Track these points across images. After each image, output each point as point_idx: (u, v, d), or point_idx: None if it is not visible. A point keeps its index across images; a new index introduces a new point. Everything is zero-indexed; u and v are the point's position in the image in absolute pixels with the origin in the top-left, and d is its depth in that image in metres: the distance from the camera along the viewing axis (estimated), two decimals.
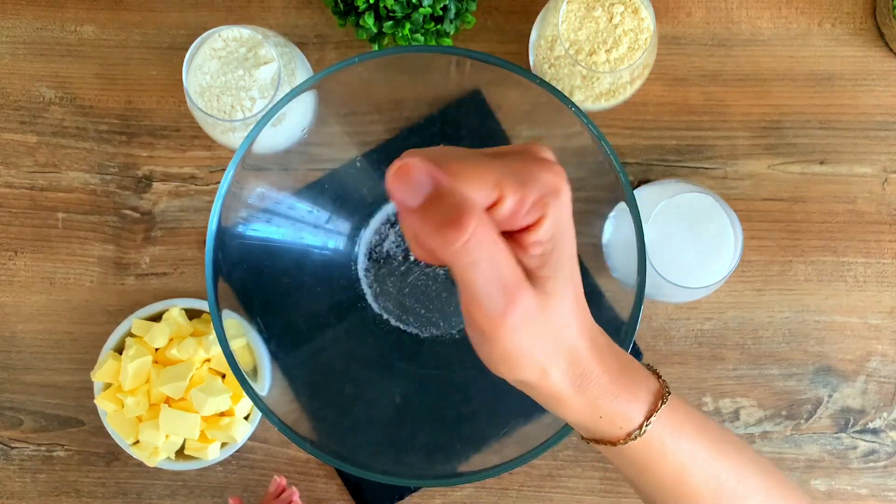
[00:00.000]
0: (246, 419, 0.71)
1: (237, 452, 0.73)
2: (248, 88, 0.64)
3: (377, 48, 0.70)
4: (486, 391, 0.56)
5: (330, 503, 0.74)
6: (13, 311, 0.75)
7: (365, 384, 0.63)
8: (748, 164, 0.73)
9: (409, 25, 0.66)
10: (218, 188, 0.51)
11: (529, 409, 0.41)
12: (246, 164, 0.52)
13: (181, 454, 0.72)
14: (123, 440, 0.71)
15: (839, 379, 0.74)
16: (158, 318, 0.72)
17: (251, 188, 0.56)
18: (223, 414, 0.70)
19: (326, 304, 0.68)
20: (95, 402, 0.71)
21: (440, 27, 0.68)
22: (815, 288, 0.74)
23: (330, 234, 0.68)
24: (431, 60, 0.55)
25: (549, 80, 0.67)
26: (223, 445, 0.72)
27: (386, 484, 0.67)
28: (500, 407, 0.57)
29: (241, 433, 0.71)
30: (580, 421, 0.41)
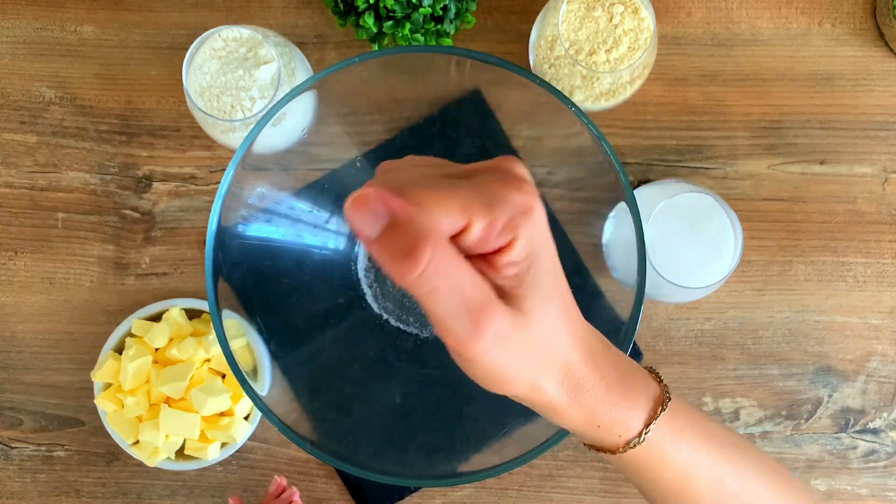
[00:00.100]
0: (246, 419, 0.71)
1: (237, 452, 0.73)
2: (248, 88, 0.64)
3: (377, 48, 0.70)
4: (485, 391, 0.56)
5: (330, 503, 0.74)
6: (13, 311, 0.75)
7: (365, 384, 0.63)
8: (748, 164, 0.73)
9: (409, 25, 0.66)
10: (218, 188, 0.51)
11: (529, 409, 0.41)
12: (246, 164, 0.52)
13: (181, 454, 0.72)
14: (123, 440, 0.71)
15: (839, 379, 0.74)
16: (158, 318, 0.72)
17: (251, 188, 0.56)
18: (223, 414, 0.70)
19: (326, 304, 0.68)
20: (95, 402, 0.71)
21: (440, 27, 0.68)
22: (815, 288, 0.74)
23: (330, 234, 0.68)
24: (431, 60, 0.55)
25: (549, 80, 0.67)
26: (223, 445, 0.72)
27: (386, 484, 0.66)
28: (500, 407, 0.57)
29: (241, 433, 0.71)
30: (578, 430, 0.41)
